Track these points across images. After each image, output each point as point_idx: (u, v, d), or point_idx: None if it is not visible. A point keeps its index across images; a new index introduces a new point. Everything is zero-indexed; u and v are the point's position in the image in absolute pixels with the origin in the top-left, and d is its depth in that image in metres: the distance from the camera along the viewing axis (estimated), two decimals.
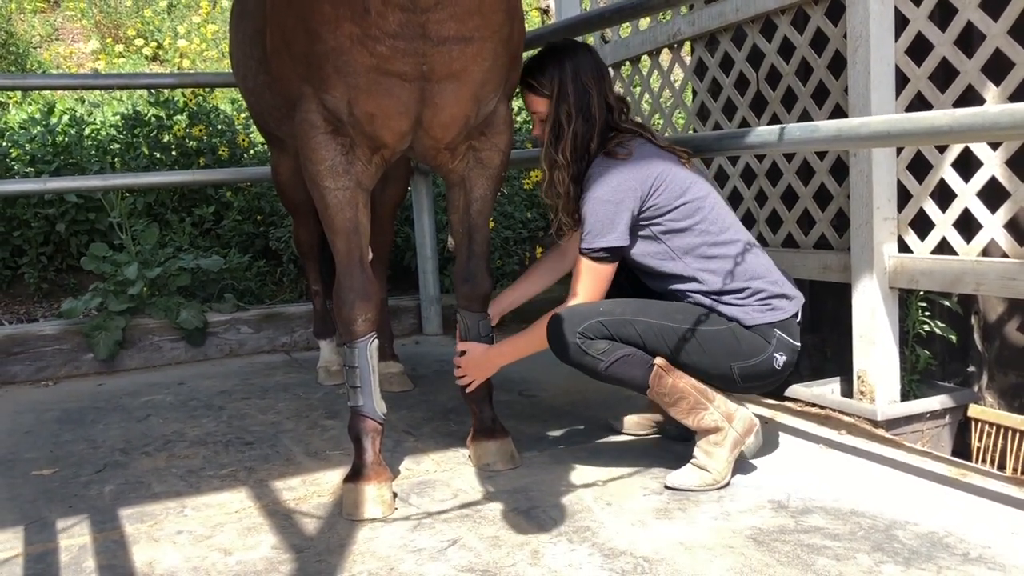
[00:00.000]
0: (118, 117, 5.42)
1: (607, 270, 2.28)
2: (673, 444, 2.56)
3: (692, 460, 2.27)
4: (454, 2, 1.99)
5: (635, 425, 2.71)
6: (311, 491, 2.37)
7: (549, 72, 2.34)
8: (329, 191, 2.24)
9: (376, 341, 2.31)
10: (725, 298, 2.26)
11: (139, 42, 8.55)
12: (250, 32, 2.84)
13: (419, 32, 2.02)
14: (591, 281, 2.28)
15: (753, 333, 2.25)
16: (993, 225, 2.52)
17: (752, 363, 2.24)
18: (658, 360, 2.22)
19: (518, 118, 6.20)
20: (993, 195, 2.53)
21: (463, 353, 2.50)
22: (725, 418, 2.25)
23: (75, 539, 2.12)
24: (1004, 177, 2.51)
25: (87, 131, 5.12)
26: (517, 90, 2.48)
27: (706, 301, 2.26)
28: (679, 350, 2.23)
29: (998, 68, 2.46)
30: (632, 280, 2.45)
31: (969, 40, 2.61)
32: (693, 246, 2.27)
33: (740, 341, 2.24)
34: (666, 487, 2.24)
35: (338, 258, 2.29)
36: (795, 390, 2.99)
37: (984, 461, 2.89)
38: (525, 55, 2.50)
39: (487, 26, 2.12)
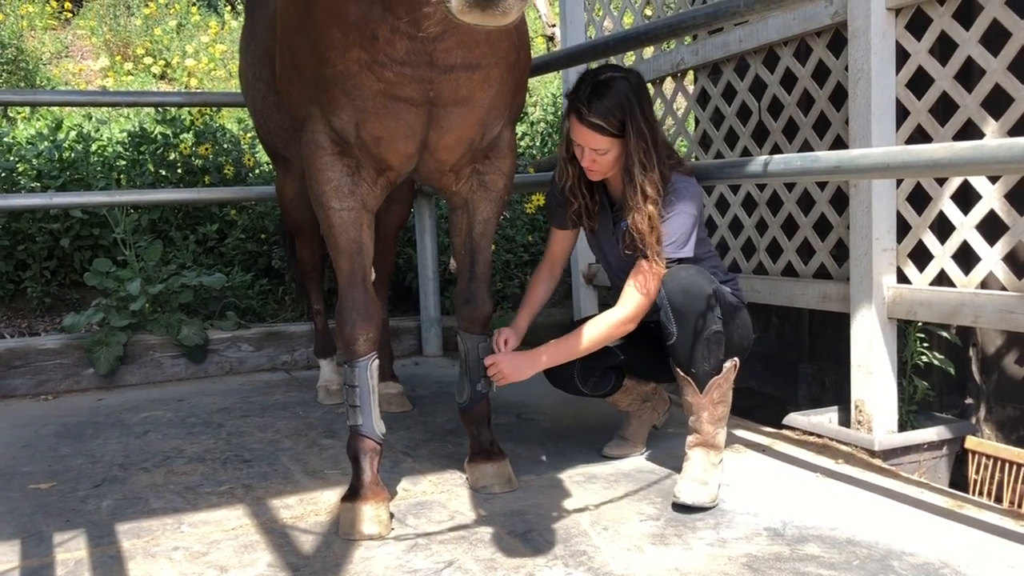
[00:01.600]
0: (125, 134, 5.46)
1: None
2: (667, 469, 2.56)
3: (696, 473, 2.33)
4: (461, 31, 2.01)
5: (616, 448, 2.75)
6: (308, 510, 2.37)
7: (614, 110, 2.31)
8: (334, 211, 2.26)
9: (377, 361, 2.32)
10: (727, 286, 2.51)
11: (148, 60, 8.63)
12: (259, 54, 2.87)
13: (426, 60, 2.05)
14: (654, 287, 2.35)
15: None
16: (992, 258, 2.53)
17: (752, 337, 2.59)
18: (736, 359, 2.42)
19: (521, 143, 6.24)
20: (992, 228, 2.55)
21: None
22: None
23: (72, 553, 2.12)
24: (1003, 211, 2.53)
25: (94, 147, 5.15)
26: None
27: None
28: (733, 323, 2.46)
29: (998, 103, 2.49)
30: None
31: (969, 74, 2.64)
32: (699, 253, 2.48)
33: (747, 318, 2.57)
34: (678, 504, 2.26)
35: (341, 278, 2.31)
36: (793, 419, 3.00)
37: (981, 493, 2.89)
38: (546, 75, 2.53)
39: (494, 53, 2.15)
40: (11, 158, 4.86)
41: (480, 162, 2.42)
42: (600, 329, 2.38)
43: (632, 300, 2.36)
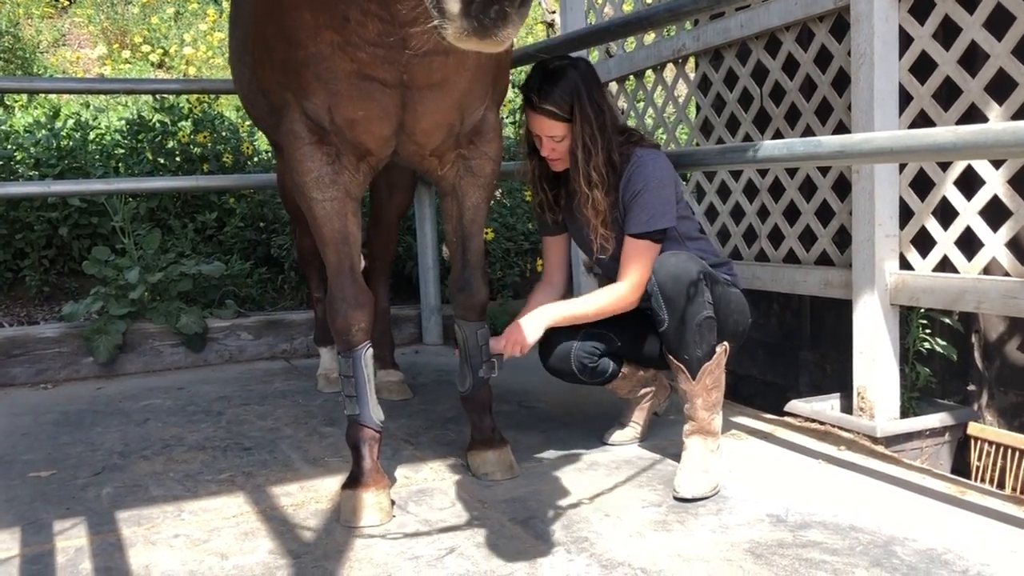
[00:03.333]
0: (123, 122, 5.43)
1: (657, 249, 2.43)
2: (668, 456, 2.56)
3: (695, 463, 2.32)
4: None
5: (618, 435, 2.76)
6: (309, 497, 2.37)
7: (563, 96, 2.38)
8: (317, 202, 2.22)
9: (371, 350, 2.29)
10: (721, 270, 2.51)
11: (145, 48, 8.58)
12: (241, 38, 2.83)
13: (399, 42, 2.01)
14: (648, 261, 2.40)
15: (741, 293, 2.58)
16: (995, 243, 2.52)
17: (749, 321, 2.60)
18: (726, 343, 2.41)
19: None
20: (995, 214, 2.54)
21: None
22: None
23: (72, 541, 2.11)
24: (1006, 196, 2.51)
25: (92, 135, 5.13)
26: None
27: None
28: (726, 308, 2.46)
29: (1001, 87, 2.47)
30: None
31: (973, 59, 2.62)
32: (687, 232, 2.52)
33: (742, 301, 2.55)
34: (678, 499, 2.24)
35: (329, 269, 2.28)
36: (795, 405, 2.99)
37: (983, 480, 2.88)
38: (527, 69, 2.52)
39: None
40: (9, 146, 4.84)
41: (465, 147, 2.39)
42: (600, 300, 2.44)
43: (625, 278, 2.42)
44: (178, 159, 5.11)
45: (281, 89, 2.23)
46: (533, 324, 2.43)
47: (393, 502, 2.26)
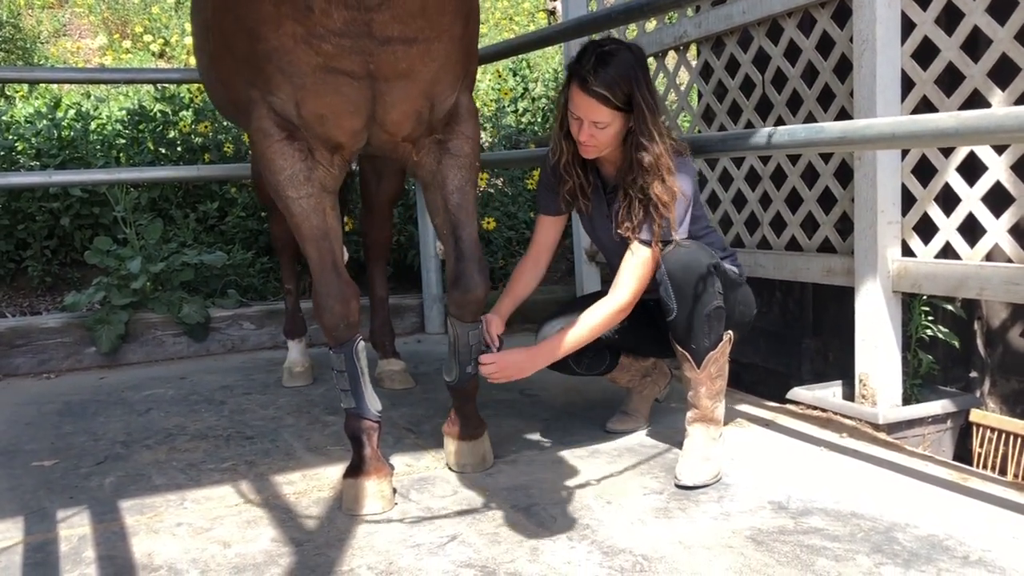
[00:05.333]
0: (124, 112, 5.43)
1: (659, 258, 2.37)
2: (670, 444, 2.56)
3: (697, 451, 2.32)
4: (397, 4, 1.95)
5: (619, 423, 2.75)
6: (311, 485, 2.37)
7: (621, 82, 2.25)
8: (293, 200, 2.16)
9: (362, 342, 2.26)
10: (726, 261, 2.48)
11: (146, 39, 8.57)
12: (201, 24, 2.72)
13: (364, 31, 1.97)
14: (649, 269, 2.34)
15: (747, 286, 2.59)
16: (997, 230, 2.51)
17: (754, 312, 2.61)
18: (730, 332, 2.40)
19: (523, 119, 6.20)
20: (998, 200, 2.53)
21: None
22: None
23: (75, 529, 2.12)
24: (1009, 182, 2.50)
25: (93, 126, 5.13)
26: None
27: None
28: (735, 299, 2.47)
29: (1004, 72, 2.46)
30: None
31: (976, 44, 2.60)
32: (699, 229, 2.47)
33: (748, 292, 2.57)
34: (680, 486, 2.24)
35: (311, 265, 2.23)
36: (797, 393, 2.99)
37: (986, 466, 2.88)
38: (548, 50, 2.47)
39: (432, 27, 2.06)
40: (10, 136, 4.84)
41: (440, 131, 2.31)
42: (598, 319, 2.33)
43: (627, 287, 2.32)
44: (179, 149, 5.11)
45: (246, 86, 2.16)
46: (530, 362, 2.33)
47: (395, 490, 2.26)
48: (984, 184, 2.56)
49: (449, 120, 2.31)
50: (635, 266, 2.32)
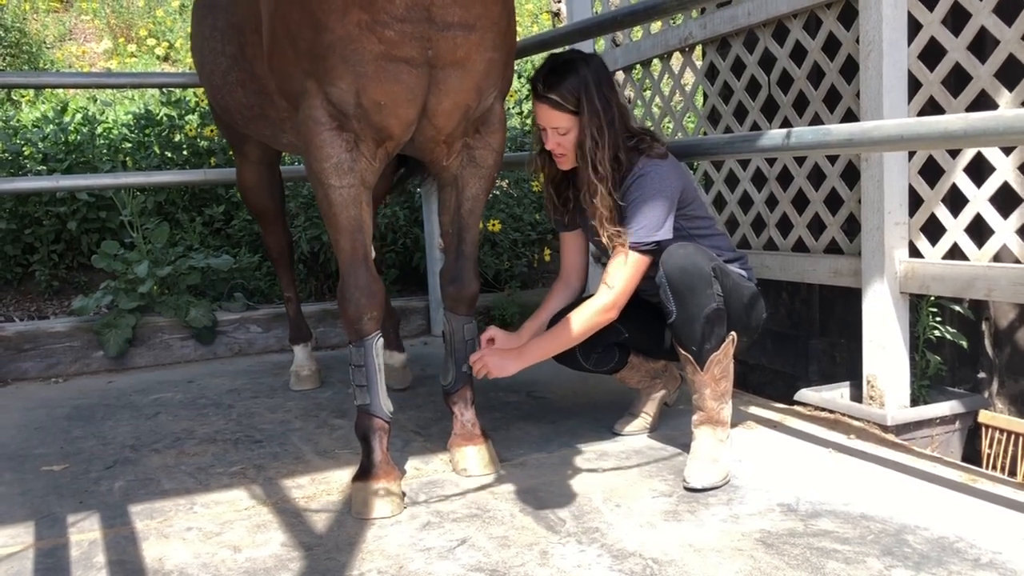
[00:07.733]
0: (130, 116, 5.45)
1: (648, 262, 2.39)
2: (678, 446, 2.56)
3: (705, 453, 2.32)
4: None
5: (627, 425, 2.75)
6: (320, 489, 2.38)
7: (571, 87, 2.34)
8: (334, 189, 2.21)
9: (382, 339, 2.31)
10: (735, 265, 2.50)
11: (151, 42, 8.59)
12: (222, 26, 2.78)
13: (424, 15, 2.04)
14: (635, 272, 2.37)
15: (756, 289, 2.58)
16: (1005, 231, 2.51)
17: (764, 315, 2.61)
18: (733, 333, 2.40)
19: (528, 120, 6.20)
20: (1006, 200, 2.52)
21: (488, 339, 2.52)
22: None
23: (85, 534, 2.13)
24: (1017, 183, 2.50)
25: (99, 130, 5.14)
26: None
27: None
28: (738, 301, 2.46)
29: (1011, 73, 2.46)
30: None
31: (982, 45, 2.60)
32: (699, 230, 2.50)
33: (757, 295, 2.56)
34: (688, 489, 2.24)
35: (342, 257, 2.27)
36: (804, 394, 2.98)
37: (994, 467, 2.87)
38: (534, 59, 2.52)
39: (487, 16, 2.15)
40: (17, 141, 4.86)
41: (471, 136, 2.40)
42: (583, 319, 2.36)
43: (610, 288, 2.36)
44: (185, 153, 5.12)
45: (304, 77, 2.21)
46: (514, 362, 2.38)
47: (404, 493, 2.27)
48: (992, 185, 2.55)
49: (481, 126, 2.39)
50: (617, 267, 2.37)
